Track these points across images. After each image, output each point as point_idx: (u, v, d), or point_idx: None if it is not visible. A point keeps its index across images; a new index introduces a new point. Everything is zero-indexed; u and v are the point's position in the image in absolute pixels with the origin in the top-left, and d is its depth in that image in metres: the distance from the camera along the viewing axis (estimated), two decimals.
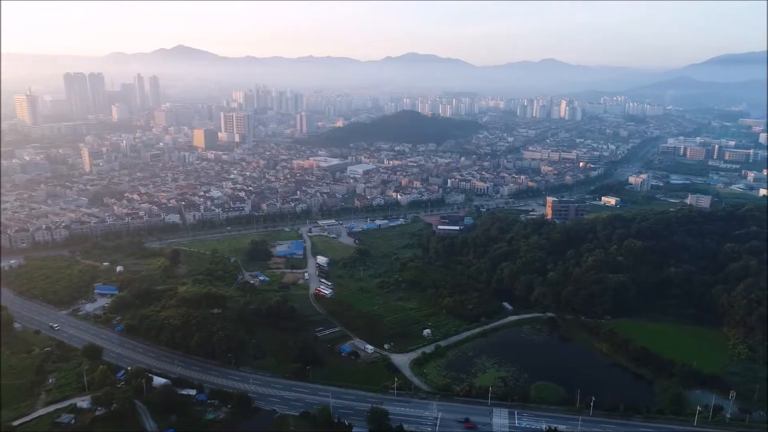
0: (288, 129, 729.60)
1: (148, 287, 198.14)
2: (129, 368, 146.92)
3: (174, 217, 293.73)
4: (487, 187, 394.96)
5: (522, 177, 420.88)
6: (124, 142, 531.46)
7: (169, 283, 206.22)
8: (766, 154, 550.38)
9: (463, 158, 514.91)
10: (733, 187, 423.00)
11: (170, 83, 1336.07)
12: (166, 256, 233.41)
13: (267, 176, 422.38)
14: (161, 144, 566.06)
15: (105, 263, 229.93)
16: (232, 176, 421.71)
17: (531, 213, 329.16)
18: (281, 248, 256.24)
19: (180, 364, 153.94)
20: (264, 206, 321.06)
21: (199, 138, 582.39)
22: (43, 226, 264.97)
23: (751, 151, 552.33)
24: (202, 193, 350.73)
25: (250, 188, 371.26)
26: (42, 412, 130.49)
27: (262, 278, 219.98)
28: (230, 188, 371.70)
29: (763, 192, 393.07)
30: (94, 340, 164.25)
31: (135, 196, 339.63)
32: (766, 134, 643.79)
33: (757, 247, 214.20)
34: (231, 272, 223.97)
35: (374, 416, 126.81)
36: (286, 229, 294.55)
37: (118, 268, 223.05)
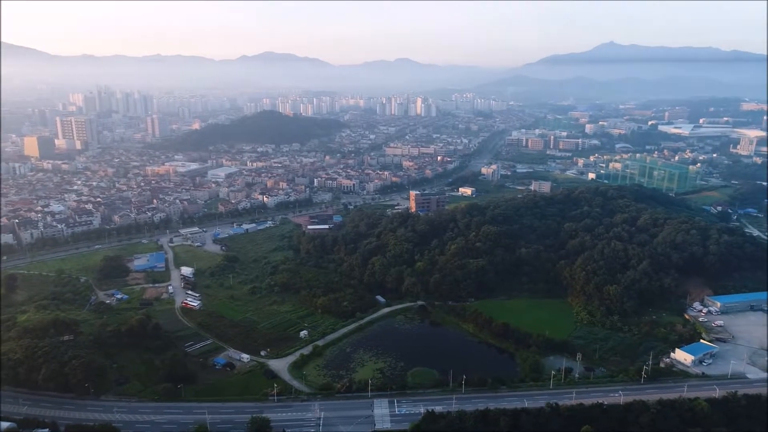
0: (138, 133, 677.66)
1: None
2: None
3: (6, 238, 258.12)
4: (353, 184, 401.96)
5: (386, 173, 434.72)
6: None
7: (6, 313, 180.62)
8: (592, 142, 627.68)
9: (327, 157, 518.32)
10: (568, 172, 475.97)
11: None
12: None
13: (117, 185, 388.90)
14: None
15: None
16: (75, 187, 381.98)
17: (396, 207, 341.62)
18: (140, 262, 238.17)
19: (26, 402, 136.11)
20: (116, 218, 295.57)
21: (31, 146, 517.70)
22: None
23: (580, 140, 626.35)
24: (40, 207, 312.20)
25: (99, 199, 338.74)
26: None
27: (119, 296, 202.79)
28: (74, 201, 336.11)
29: (591, 176, 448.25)
30: None
31: None
32: (591, 125, 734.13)
33: (589, 225, 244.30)
34: (82, 293, 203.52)
35: (255, 426, 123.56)
36: (144, 241, 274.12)
37: None
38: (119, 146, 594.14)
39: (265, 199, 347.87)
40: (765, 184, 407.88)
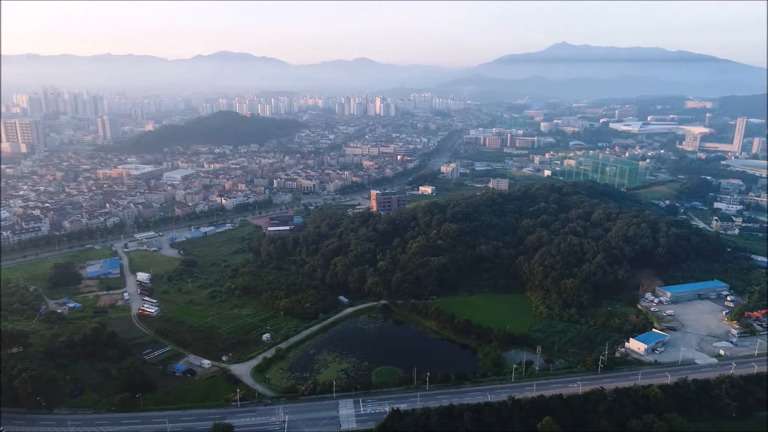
0: (88, 135, 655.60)
1: None
2: None
3: None
4: (314, 185, 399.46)
5: (346, 173, 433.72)
6: None
7: None
8: (547, 140, 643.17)
9: (287, 157, 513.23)
10: (525, 170, 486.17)
11: None
12: None
13: (67, 189, 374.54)
14: None
15: None
16: (21, 193, 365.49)
17: (357, 207, 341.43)
18: (93, 269, 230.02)
19: None
20: (67, 224, 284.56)
21: None
22: None
23: (536, 138, 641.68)
24: None
25: (47, 204, 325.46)
26: None
27: (71, 305, 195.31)
28: (21, 207, 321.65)
29: (547, 173, 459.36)
30: None
31: None
32: (546, 124, 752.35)
33: (546, 221, 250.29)
34: (31, 303, 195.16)
35: None
36: (97, 247, 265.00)
37: None
38: (68, 149, 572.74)
39: (223, 201, 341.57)
40: (709, 178, 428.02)
